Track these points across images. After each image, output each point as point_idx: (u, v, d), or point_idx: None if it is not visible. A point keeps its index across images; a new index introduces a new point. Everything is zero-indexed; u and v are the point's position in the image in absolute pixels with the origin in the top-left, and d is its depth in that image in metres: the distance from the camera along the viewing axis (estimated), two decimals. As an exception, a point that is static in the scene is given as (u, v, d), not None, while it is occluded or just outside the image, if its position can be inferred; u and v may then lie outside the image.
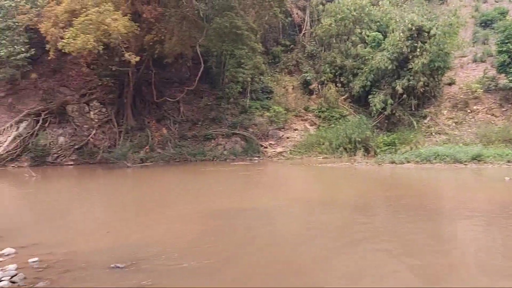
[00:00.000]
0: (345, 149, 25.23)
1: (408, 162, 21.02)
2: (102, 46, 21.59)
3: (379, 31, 29.96)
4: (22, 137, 24.67)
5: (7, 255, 7.81)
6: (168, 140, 26.23)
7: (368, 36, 29.80)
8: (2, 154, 23.89)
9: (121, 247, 8.46)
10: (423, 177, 18.72)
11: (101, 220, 12.10)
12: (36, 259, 7.46)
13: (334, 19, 30.00)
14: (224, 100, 28.47)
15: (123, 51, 22.31)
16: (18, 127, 25.00)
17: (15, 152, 24.32)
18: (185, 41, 24.89)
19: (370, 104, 27.43)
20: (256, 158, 25.53)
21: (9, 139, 24.45)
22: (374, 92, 27.63)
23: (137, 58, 22.42)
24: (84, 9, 21.48)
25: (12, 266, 6.94)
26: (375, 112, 27.08)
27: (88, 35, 20.78)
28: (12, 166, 23.88)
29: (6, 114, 25.51)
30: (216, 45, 25.94)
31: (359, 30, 29.92)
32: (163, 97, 27.65)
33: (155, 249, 8.17)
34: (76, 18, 21.33)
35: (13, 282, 6.37)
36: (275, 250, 8.39)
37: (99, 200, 15.52)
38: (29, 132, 24.99)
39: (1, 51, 24.08)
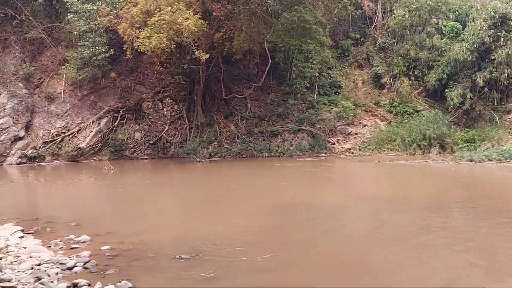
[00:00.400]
0: (419, 146, 24.09)
1: (489, 160, 19.62)
2: (174, 45, 22.39)
3: (457, 21, 28.40)
4: (102, 133, 26.40)
5: (83, 242, 8.37)
6: (236, 135, 26.65)
7: (445, 26, 28.30)
8: (85, 148, 25.79)
9: (187, 239, 8.72)
10: (506, 176, 17.32)
11: (171, 212, 12.60)
12: (108, 247, 7.91)
13: (408, 9, 28.70)
14: (291, 96, 28.30)
15: (193, 49, 23.00)
16: (99, 123, 26.79)
17: (97, 146, 26.10)
18: (253, 38, 25.07)
19: (447, 98, 25.92)
20: (323, 155, 25.12)
21: (91, 134, 26.31)
22: (451, 86, 26.08)
23: (207, 56, 23.01)
24: (158, 10, 22.39)
25: (86, 253, 7.42)
26: (452, 106, 25.55)
27: (161, 35, 21.67)
28: (94, 160, 25.64)
29: (88, 111, 27.42)
30: (283, 41, 25.82)
31: (435, 20, 28.40)
32: (231, 93, 28.11)
33: (219, 242, 8.31)
34: (151, 18, 22.31)
35: (86, 268, 6.79)
36: (338, 247, 8.17)
37: (170, 193, 16.18)
38: (108, 128, 26.66)
39: (85, 52, 25.86)
